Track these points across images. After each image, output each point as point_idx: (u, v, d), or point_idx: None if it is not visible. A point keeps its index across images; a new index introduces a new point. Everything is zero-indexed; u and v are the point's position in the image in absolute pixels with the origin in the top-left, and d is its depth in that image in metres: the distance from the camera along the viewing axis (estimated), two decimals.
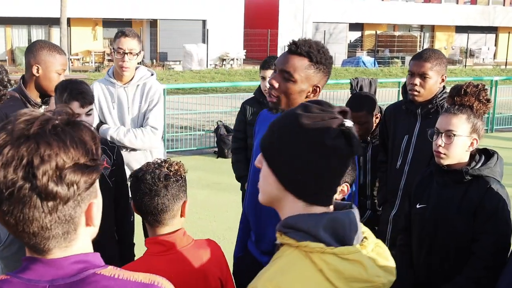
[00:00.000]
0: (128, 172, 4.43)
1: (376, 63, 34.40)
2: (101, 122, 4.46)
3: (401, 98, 13.23)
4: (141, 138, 4.36)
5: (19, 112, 1.31)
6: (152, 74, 4.59)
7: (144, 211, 2.44)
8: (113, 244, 3.62)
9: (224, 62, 34.00)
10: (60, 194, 1.26)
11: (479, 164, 2.99)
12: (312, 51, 2.66)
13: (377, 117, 4.30)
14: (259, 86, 5.17)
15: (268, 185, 1.64)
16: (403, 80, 14.08)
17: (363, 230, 1.67)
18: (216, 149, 11.40)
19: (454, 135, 2.96)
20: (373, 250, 1.62)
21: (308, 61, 2.67)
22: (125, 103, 4.44)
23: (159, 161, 2.52)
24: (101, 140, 3.60)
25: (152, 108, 4.44)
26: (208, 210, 7.80)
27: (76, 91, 3.34)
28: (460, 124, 2.96)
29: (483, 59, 41.54)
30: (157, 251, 2.42)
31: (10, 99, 3.65)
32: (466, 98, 3.00)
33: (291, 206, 1.61)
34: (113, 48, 4.39)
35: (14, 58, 30.11)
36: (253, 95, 5.24)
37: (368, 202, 4.34)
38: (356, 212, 1.63)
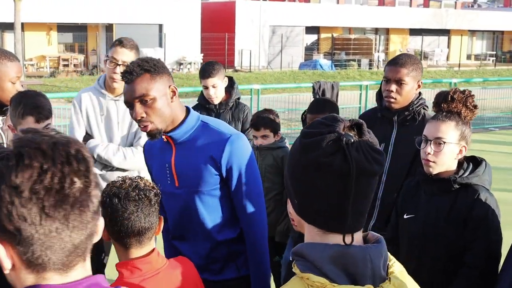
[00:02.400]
0: None
1: (333, 65, 34.66)
2: (88, 135, 4.16)
3: (363, 100, 13.27)
4: (130, 159, 4.06)
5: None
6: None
7: (127, 233, 2.27)
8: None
9: (182, 66, 33.81)
10: (99, 197, 1.22)
11: (467, 172, 2.94)
12: (145, 65, 2.68)
13: None
14: (202, 92, 5.07)
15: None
16: (364, 83, 14.28)
17: (392, 270, 1.50)
18: None
19: (444, 142, 2.89)
20: None
21: (148, 75, 2.67)
22: (115, 118, 4.11)
23: (132, 178, 2.39)
24: None
25: None
26: None
27: (31, 105, 3.09)
28: (449, 131, 2.90)
29: (437, 61, 42.28)
30: (133, 276, 2.28)
31: None
32: (454, 104, 2.93)
33: (308, 232, 1.50)
34: (107, 56, 4.09)
35: None
36: (197, 102, 5.13)
37: None
38: (380, 248, 1.47)
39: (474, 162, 3.02)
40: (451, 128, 2.90)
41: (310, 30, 40.56)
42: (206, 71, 4.87)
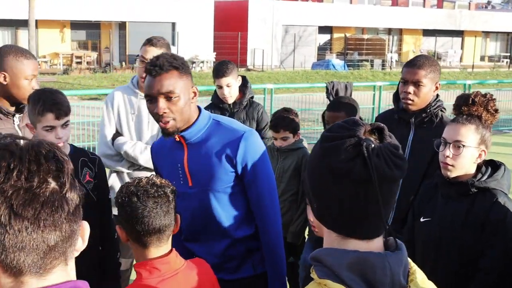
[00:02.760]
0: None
1: (346, 66, 34.58)
2: (118, 133, 4.18)
3: (376, 101, 13.17)
4: None
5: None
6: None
7: (147, 231, 2.25)
8: (97, 263, 3.37)
9: (194, 65, 33.85)
10: (76, 200, 1.19)
11: (485, 176, 2.89)
12: (174, 62, 2.68)
13: None
14: (215, 91, 5.04)
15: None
16: (378, 84, 14.22)
17: (412, 278, 1.47)
18: None
19: (463, 146, 2.86)
20: None
21: (177, 72, 2.67)
22: (145, 117, 4.11)
23: (147, 176, 2.37)
24: (81, 152, 3.41)
25: None
26: None
27: (50, 101, 3.07)
28: (469, 134, 2.86)
29: (450, 62, 42.06)
30: (151, 276, 2.26)
31: None
32: (475, 108, 2.89)
33: (326, 237, 1.48)
34: (137, 56, 4.11)
35: None
36: (211, 101, 5.10)
37: None
38: (400, 255, 1.44)
39: (492, 165, 2.98)
40: (471, 132, 2.86)
41: (323, 29, 40.50)
42: (220, 71, 4.84)
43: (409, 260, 1.49)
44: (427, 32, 43.57)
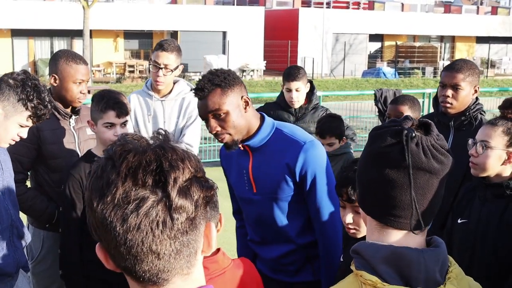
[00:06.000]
0: None
1: (396, 74, 34.26)
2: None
3: (426, 109, 13.03)
4: None
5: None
6: (191, 89, 4.34)
7: None
8: None
9: (244, 73, 34.04)
10: (188, 207, 1.12)
11: None
12: (215, 80, 2.70)
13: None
14: (282, 93, 5.07)
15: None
16: (427, 91, 14.08)
17: (449, 276, 1.50)
18: None
19: (487, 146, 2.87)
20: None
21: (219, 90, 2.69)
22: (161, 118, 4.29)
23: None
24: None
25: (190, 125, 4.27)
26: (232, 222, 7.75)
27: (113, 100, 3.34)
28: (496, 136, 2.87)
29: (504, 69, 41.19)
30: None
31: None
32: (510, 110, 2.93)
33: (368, 225, 1.56)
34: (150, 60, 4.29)
35: (37, 70, 30.38)
36: (276, 102, 5.15)
37: None
38: (437, 252, 1.48)
39: None
40: (498, 133, 2.88)
41: (374, 37, 40.22)
42: (291, 74, 4.88)
43: (450, 258, 1.53)
44: (481, 39, 42.80)
